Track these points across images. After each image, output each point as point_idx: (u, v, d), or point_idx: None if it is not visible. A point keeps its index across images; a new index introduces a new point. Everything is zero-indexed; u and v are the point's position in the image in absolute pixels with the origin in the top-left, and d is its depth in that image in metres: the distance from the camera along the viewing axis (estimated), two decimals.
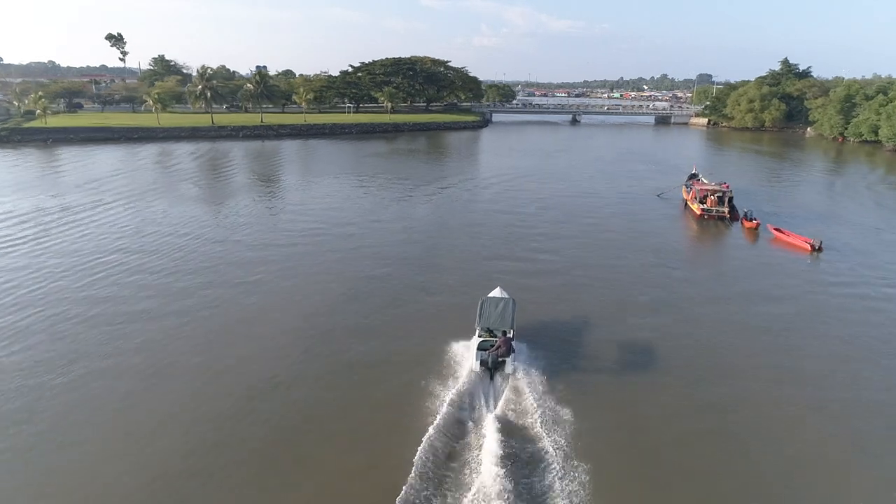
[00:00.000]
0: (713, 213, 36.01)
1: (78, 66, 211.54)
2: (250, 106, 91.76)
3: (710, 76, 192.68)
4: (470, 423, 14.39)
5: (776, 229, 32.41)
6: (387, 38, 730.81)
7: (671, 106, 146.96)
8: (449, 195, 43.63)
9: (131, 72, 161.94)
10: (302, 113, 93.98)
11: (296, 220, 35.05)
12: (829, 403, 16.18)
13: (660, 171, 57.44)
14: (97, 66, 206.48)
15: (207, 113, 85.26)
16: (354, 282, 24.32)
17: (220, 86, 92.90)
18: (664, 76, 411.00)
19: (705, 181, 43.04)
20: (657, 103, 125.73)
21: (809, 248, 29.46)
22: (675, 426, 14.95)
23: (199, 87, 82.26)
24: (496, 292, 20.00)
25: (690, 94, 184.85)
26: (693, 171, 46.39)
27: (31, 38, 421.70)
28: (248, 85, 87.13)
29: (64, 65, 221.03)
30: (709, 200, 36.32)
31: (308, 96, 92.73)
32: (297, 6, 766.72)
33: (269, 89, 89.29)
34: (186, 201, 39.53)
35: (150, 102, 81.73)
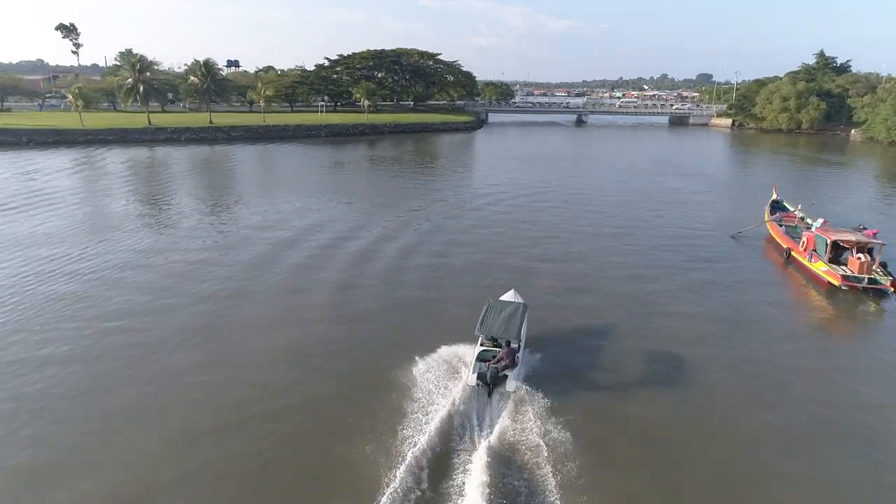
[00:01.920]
0: (861, 283, 20.56)
1: (68, 64, 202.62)
2: (219, 103, 77.92)
3: (710, 76, 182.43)
4: (458, 449, 11.52)
5: None
6: (386, 38, 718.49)
7: (693, 105, 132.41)
8: (418, 238, 29.28)
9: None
10: (274, 112, 79.58)
11: (151, 274, 20.45)
12: None
13: (709, 190, 43.15)
14: (89, 64, 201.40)
15: (143, 112, 70.87)
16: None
17: (165, 80, 78.57)
18: (664, 76, 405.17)
19: (800, 214, 28.92)
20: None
21: None
22: None
23: (129, 80, 67.37)
24: (509, 295, 16.36)
25: (697, 94, 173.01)
26: (774, 197, 31.76)
27: (31, 37, 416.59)
28: (193, 78, 72.12)
29: (53, 63, 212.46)
30: (855, 262, 20.90)
31: (267, 93, 77.80)
32: (298, 6, 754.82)
33: (219, 84, 74.36)
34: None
35: (71, 99, 66.97)
